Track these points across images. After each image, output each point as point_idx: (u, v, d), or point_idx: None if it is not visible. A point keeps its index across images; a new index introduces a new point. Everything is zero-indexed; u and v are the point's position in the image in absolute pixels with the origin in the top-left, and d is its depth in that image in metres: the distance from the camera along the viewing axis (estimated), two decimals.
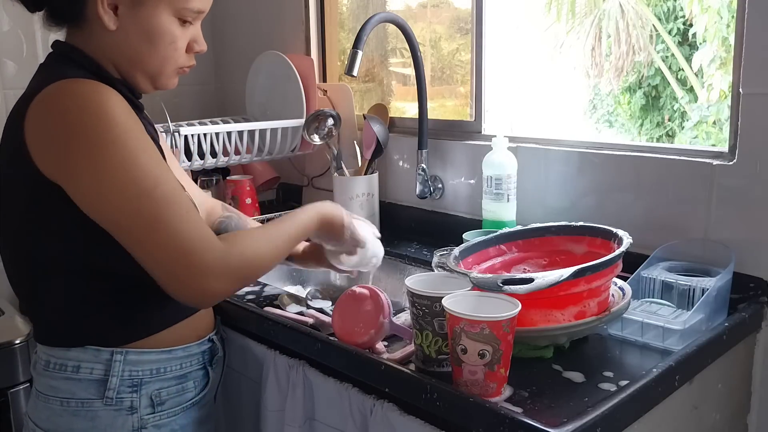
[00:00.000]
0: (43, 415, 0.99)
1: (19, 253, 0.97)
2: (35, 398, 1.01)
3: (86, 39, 0.96)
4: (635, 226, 1.19)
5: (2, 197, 0.96)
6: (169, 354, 1.00)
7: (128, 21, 0.94)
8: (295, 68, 1.79)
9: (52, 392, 0.97)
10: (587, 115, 8.33)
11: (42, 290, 0.96)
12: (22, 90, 0.96)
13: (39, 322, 1.02)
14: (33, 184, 0.89)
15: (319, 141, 1.70)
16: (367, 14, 1.93)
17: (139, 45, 0.96)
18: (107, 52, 0.97)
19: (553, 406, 0.84)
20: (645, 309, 1.06)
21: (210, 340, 1.08)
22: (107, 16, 0.93)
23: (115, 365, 0.96)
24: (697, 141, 6.72)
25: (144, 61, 0.97)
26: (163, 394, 1.00)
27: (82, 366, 0.96)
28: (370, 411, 0.96)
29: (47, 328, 1.00)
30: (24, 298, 1.02)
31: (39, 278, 0.96)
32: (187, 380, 1.03)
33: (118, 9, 0.94)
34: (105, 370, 0.96)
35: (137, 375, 0.98)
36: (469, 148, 1.58)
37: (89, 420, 0.96)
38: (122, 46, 0.96)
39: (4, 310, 1.71)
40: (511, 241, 1.17)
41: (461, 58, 2.56)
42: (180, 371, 1.02)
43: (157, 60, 0.97)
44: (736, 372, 1.15)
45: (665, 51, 7.52)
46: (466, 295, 0.91)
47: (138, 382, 0.98)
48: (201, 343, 1.06)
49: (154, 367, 0.99)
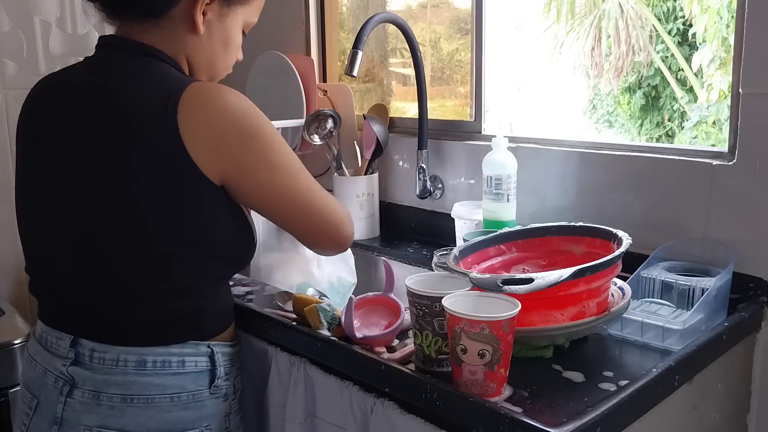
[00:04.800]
0: (140, 418, 0.97)
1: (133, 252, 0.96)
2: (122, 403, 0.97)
3: (166, 38, 1.00)
4: (635, 226, 1.19)
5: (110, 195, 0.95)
6: (235, 347, 1.10)
7: (213, 27, 1.03)
8: (295, 68, 1.79)
9: (157, 390, 0.98)
10: (587, 115, 8.34)
11: (160, 289, 0.97)
12: (22, 90, 0.96)
13: (130, 324, 0.99)
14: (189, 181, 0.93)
15: (319, 141, 1.70)
16: (367, 14, 1.93)
17: (217, 49, 1.05)
18: (186, 51, 1.03)
19: (553, 406, 0.84)
20: (645, 309, 1.06)
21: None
22: (200, 20, 1.00)
23: (217, 356, 1.04)
24: (697, 141, 6.73)
25: (216, 64, 1.06)
26: (237, 381, 1.10)
27: (186, 360, 1.00)
28: (371, 409, 0.96)
29: (144, 327, 0.99)
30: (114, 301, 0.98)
31: (161, 277, 0.97)
32: (239, 370, 1.12)
33: (206, 15, 1.01)
34: (208, 362, 1.03)
35: (227, 364, 1.06)
36: (469, 148, 1.58)
37: (197, 410, 1.02)
38: (203, 48, 1.03)
39: (4, 310, 1.71)
40: (510, 241, 1.17)
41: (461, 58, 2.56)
42: (238, 362, 1.11)
43: (224, 64, 1.08)
44: (736, 372, 1.15)
45: (665, 51, 7.53)
46: (466, 295, 0.91)
47: (228, 371, 1.06)
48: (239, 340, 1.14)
49: (233, 358, 1.08)
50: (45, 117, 1.02)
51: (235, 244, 1.03)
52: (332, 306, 1.10)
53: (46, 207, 1.01)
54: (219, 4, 1.02)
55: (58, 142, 1.00)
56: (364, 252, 1.65)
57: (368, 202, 1.69)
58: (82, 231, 0.97)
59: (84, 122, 0.97)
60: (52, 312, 1.05)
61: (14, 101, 1.75)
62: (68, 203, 0.98)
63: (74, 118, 0.98)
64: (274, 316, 1.14)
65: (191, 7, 0.99)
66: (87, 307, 1.00)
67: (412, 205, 1.70)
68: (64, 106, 1.00)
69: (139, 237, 0.95)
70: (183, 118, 0.91)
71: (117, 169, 0.94)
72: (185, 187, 0.93)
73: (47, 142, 1.01)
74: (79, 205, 0.97)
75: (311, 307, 1.08)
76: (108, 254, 0.97)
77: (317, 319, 1.07)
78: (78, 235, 0.98)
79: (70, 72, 1.05)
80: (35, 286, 1.07)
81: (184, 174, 0.92)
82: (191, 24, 1.00)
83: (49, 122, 1.01)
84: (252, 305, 1.21)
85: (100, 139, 0.95)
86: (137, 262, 0.96)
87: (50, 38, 1.84)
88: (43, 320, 1.06)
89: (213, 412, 1.03)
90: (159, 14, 0.99)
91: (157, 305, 0.98)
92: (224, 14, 1.03)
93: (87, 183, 0.96)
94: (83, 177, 0.96)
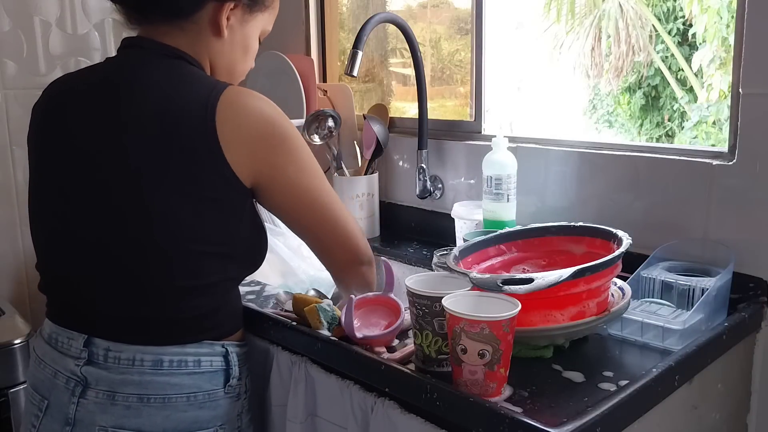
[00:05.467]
0: (157, 418, 0.98)
1: (159, 251, 0.96)
2: (139, 403, 0.97)
3: (190, 41, 1.03)
4: (635, 226, 1.19)
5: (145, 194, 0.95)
6: (245, 347, 1.11)
7: (235, 32, 1.06)
8: (295, 68, 1.79)
9: (174, 390, 0.99)
10: (587, 115, 8.34)
11: (181, 287, 0.98)
12: (22, 90, 0.96)
13: (147, 322, 0.99)
14: (222, 182, 0.95)
15: (319, 141, 1.70)
16: (367, 14, 1.94)
17: (237, 54, 1.09)
18: (210, 54, 1.05)
19: (553, 406, 0.84)
20: (645, 309, 1.06)
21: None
22: (225, 24, 1.03)
23: (232, 356, 1.05)
24: (697, 141, 6.73)
25: (236, 68, 1.10)
26: (248, 381, 1.10)
27: (202, 360, 1.01)
28: (371, 408, 0.96)
29: (161, 326, 0.99)
30: (136, 300, 0.98)
31: (184, 275, 0.97)
32: (249, 370, 1.12)
33: (230, 20, 1.04)
34: (223, 362, 1.03)
35: (240, 364, 1.07)
36: (469, 148, 1.58)
37: (213, 410, 1.02)
38: (225, 53, 1.06)
39: (4, 310, 1.71)
40: (510, 241, 1.17)
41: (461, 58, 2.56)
42: (248, 362, 1.11)
43: (243, 68, 1.12)
44: (736, 372, 1.15)
45: (665, 51, 7.53)
46: (466, 295, 0.91)
47: (241, 371, 1.07)
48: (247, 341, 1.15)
49: (244, 358, 1.09)
50: (67, 117, 1.02)
51: (254, 246, 1.06)
52: (332, 306, 1.10)
53: (69, 205, 1.01)
54: (242, 10, 1.05)
55: (85, 140, 0.99)
56: None
57: (368, 202, 1.69)
58: (101, 229, 0.98)
59: (114, 121, 0.97)
60: (63, 311, 1.04)
61: (14, 101, 1.75)
62: (94, 200, 0.98)
63: (104, 117, 0.98)
64: (275, 316, 1.14)
65: (217, 11, 1.02)
66: (103, 306, 1.00)
67: (412, 205, 1.70)
68: (91, 106, 1.00)
69: (165, 235, 0.96)
70: (221, 120, 0.94)
71: (151, 168, 0.95)
72: (218, 188, 0.96)
73: (70, 141, 1.00)
74: (105, 203, 0.97)
75: (311, 307, 1.08)
76: (130, 252, 0.97)
77: (317, 319, 1.07)
78: (96, 233, 0.98)
79: (89, 74, 1.05)
80: (47, 284, 1.07)
81: (219, 174, 0.95)
82: (215, 28, 1.03)
83: (74, 121, 1.01)
84: (252, 305, 1.21)
85: (133, 138, 0.95)
86: (160, 259, 0.96)
87: (50, 38, 1.84)
88: (52, 320, 1.05)
89: (227, 412, 1.04)
90: (185, 16, 1.01)
91: (176, 304, 0.99)
92: (246, 20, 1.07)
93: (117, 182, 0.96)
94: (112, 175, 0.96)
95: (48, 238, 1.05)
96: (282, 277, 1.48)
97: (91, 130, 0.99)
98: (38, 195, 1.05)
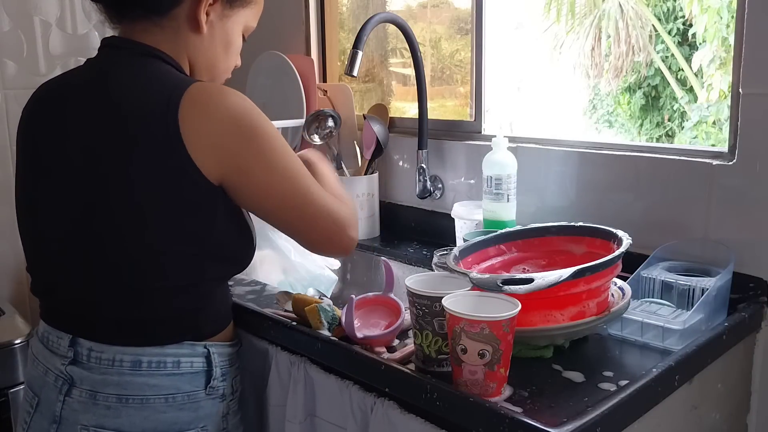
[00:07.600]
0: (136, 419, 0.98)
1: (129, 249, 0.96)
2: (118, 403, 0.97)
3: (168, 38, 1.01)
4: (635, 226, 1.19)
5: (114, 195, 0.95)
6: (234, 347, 1.10)
7: (215, 28, 1.04)
8: (295, 68, 1.79)
9: (153, 391, 0.98)
10: (587, 115, 8.34)
11: (158, 287, 0.97)
12: (22, 90, 0.97)
13: (126, 323, 0.99)
14: (187, 180, 0.93)
15: (319, 141, 1.70)
16: (367, 14, 1.93)
17: (218, 51, 1.06)
18: (188, 52, 1.03)
19: (553, 406, 0.84)
20: (645, 309, 1.06)
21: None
22: (204, 20, 1.01)
23: (214, 357, 1.03)
24: (697, 141, 6.73)
25: (217, 65, 1.07)
26: (235, 382, 1.09)
27: (182, 361, 1.00)
28: (371, 408, 0.96)
29: (140, 327, 0.99)
30: (110, 299, 0.98)
31: (158, 275, 0.96)
32: (238, 370, 1.12)
33: (209, 15, 1.02)
34: (204, 363, 1.02)
35: (225, 365, 1.06)
36: (469, 148, 1.58)
37: (193, 411, 1.01)
38: (204, 49, 1.04)
39: (4, 310, 1.71)
40: (510, 241, 1.17)
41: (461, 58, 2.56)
42: (237, 362, 1.11)
43: (224, 66, 1.09)
44: (736, 372, 1.15)
45: (665, 51, 7.53)
46: (466, 295, 0.91)
47: (226, 371, 1.06)
48: (238, 340, 1.15)
49: (231, 358, 1.08)
50: (48, 118, 1.02)
51: (233, 246, 1.03)
52: (332, 306, 1.10)
53: (46, 205, 1.01)
54: (221, 5, 1.03)
55: (60, 142, 1.00)
56: (364, 252, 1.65)
57: (368, 202, 1.69)
58: (75, 232, 0.98)
59: (86, 122, 0.97)
60: (52, 311, 1.05)
61: (14, 101, 1.75)
62: (68, 201, 0.98)
63: (77, 118, 0.98)
64: (275, 316, 1.14)
65: (195, 7, 1.00)
66: (84, 306, 1.00)
67: (412, 205, 1.70)
68: (67, 107, 1.00)
69: (136, 234, 0.95)
70: (184, 117, 0.92)
71: (118, 167, 0.94)
72: (184, 186, 0.94)
73: (49, 143, 1.01)
74: (78, 203, 0.97)
75: (312, 307, 1.08)
76: (105, 251, 0.97)
77: (317, 319, 1.07)
78: (70, 236, 0.98)
79: (72, 74, 1.06)
80: (36, 285, 1.08)
81: (183, 173, 0.92)
82: (194, 24, 1.01)
83: (53, 123, 1.01)
84: (252, 305, 1.21)
85: (102, 138, 0.95)
86: (134, 259, 0.96)
87: (50, 38, 1.84)
88: (44, 319, 1.06)
89: (209, 413, 1.03)
90: (163, 13, 1.00)
91: (154, 304, 0.98)
92: (226, 15, 1.04)
93: (87, 182, 0.96)
94: (84, 176, 0.96)
95: (29, 242, 1.06)
96: (283, 273, 1.47)
97: (60, 134, 0.99)
98: (19, 200, 1.07)
